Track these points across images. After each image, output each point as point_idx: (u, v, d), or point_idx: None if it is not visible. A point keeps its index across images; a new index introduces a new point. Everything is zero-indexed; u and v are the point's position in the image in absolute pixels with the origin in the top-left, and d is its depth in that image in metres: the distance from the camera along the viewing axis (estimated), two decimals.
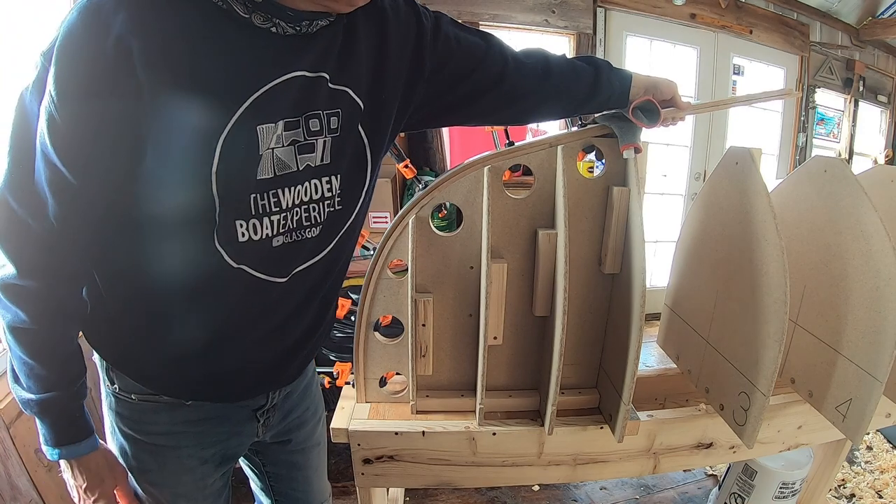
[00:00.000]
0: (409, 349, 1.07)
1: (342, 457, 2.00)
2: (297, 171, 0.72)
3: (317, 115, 0.72)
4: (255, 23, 0.63)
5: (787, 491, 1.58)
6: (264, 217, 0.71)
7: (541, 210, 1.04)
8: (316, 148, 0.73)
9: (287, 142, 0.70)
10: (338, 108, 0.74)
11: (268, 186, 0.70)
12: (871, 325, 0.94)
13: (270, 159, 0.69)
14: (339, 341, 2.33)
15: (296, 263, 0.79)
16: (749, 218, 0.98)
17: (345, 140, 0.76)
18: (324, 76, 0.71)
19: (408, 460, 1.08)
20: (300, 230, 0.76)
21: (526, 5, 2.85)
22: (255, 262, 0.73)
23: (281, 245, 0.74)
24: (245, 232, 0.70)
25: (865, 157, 3.99)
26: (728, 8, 3.12)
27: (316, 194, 0.76)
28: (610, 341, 1.10)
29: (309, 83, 0.69)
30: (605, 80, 0.97)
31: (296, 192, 0.73)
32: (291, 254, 0.77)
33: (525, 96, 0.95)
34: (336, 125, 0.74)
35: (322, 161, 0.75)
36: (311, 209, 0.76)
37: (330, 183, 0.77)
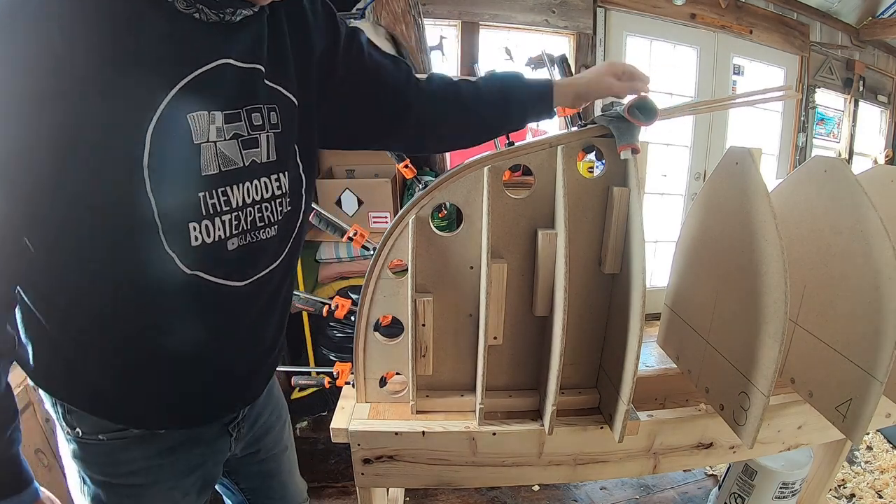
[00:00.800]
0: (409, 349, 1.07)
1: (342, 457, 2.00)
2: (244, 167, 0.70)
3: (258, 108, 0.70)
4: (178, 7, 0.60)
5: (787, 491, 1.58)
6: (216, 217, 0.67)
7: (541, 210, 1.04)
8: (260, 143, 0.71)
9: (229, 135, 0.67)
10: (275, 103, 0.73)
11: (215, 183, 0.66)
12: (871, 325, 0.94)
13: (213, 153, 0.66)
14: (339, 341, 2.33)
15: (255, 268, 0.75)
16: (749, 218, 0.98)
17: (287, 136, 0.75)
18: (259, 69, 0.70)
19: (408, 460, 1.08)
20: (255, 231, 0.73)
21: (526, 5, 2.85)
22: (210, 267, 0.69)
23: (237, 248, 0.71)
24: (198, 235, 0.65)
25: (865, 157, 3.99)
26: (728, 8, 3.12)
27: (267, 192, 0.73)
28: (610, 341, 1.10)
29: (244, 75, 0.68)
30: (515, 97, 0.97)
31: (245, 189, 0.70)
32: (250, 257, 0.74)
33: (433, 122, 0.96)
34: (276, 120, 0.73)
35: (269, 157, 0.73)
36: (263, 208, 0.73)
37: (279, 181, 0.75)
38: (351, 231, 1.13)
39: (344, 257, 2.34)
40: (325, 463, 2.05)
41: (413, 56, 2.25)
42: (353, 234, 1.12)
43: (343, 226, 1.15)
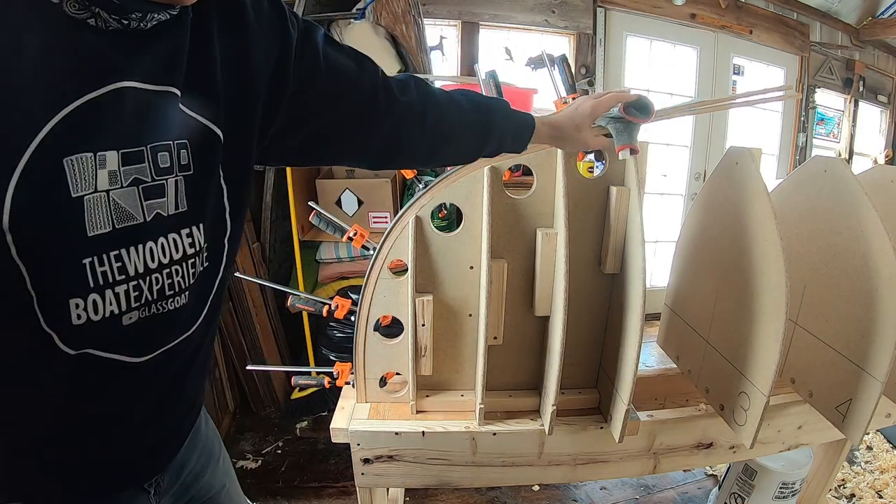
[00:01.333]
0: (409, 349, 1.07)
1: (342, 457, 2.00)
2: (145, 223, 0.55)
3: (166, 146, 0.55)
4: (67, 11, 0.46)
5: (787, 491, 1.58)
6: (106, 290, 0.53)
7: (541, 210, 1.04)
8: (166, 191, 0.57)
9: (127, 181, 0.52)
10: (186, 137, 0.58)
11: (105, 246, 0.52)
12: (871, 325, 0.94)
13: (104, 207, 0.51)
14: (339, 341, 2.33)
15: (163, 341, 0.63)
16: (749, 218, 0.98)
17: (202, 179, 0.60)
18: (172, 92, 0.55)
19: (408, 460, 1.08)
20: (162, 301, 0.59)
21: (526, 5, 2.85)
22: (102, 345, 0.56)
23: (136, 321, 0.57)
24: (81, 313, 0.52)
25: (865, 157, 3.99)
26: (728, 8, 3.12)
27: (176, 253, 0.59)
28: (610, 341, 1.10)
29: (150, 100, 0.53)
30: (498, 126, 0.88)
31: (147, 251, 0.56)
32: (155, 330, 0.61)
33: (403, 138, 0.83)
34: (187, 160, 0.58)
35: (177, 208, 0.58)
36: (173, 273, 0.59)
37: (192, 236, 0.61)
38: (351, 231, 1.13)
39: (344, 257, 2.34)
40: (325, 463, 2.05)
41: (413, 56, 2.25)
42: (353, 234, 1.12)
43: (343, 226, 1.15)
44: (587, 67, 3.00)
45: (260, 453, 2.11)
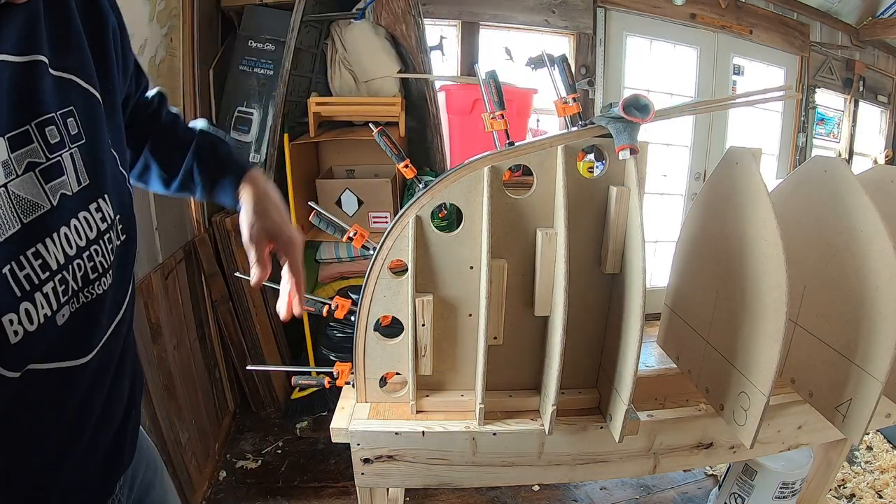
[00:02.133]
0: (408, 349, 1.07)
1: (342, 457, 2.00)
2: (52, 209, 0.51)
3: (51, 118, 0.51)
4: None
5: (787, 491, 1.58)
6: (35, 293, 0.48)
7: (541, 210, 1.04)
8: (65, 167, 0.52)
9: (21, 168, 0.48)
10: (70, 104, 0.54)
11: (21, 247, 0.47)
12: (871, 325, 0.94)
13: (6, 203, 0.46)
14: (338, 341, 2.33)
15: (97, 332, 0.58)
16: (749, 218, 0.98)
17: (94, 145, 0.57)
18: (41, 60, 0.50)
19: (408, 460, 1.08)
20: (88, 288, 0.55)
21: (526, 5, 2.85)
22: (43, 355, 0.51)
23: (68, 318, 0.53)
24: (18, 328, 0.46)
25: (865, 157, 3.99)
26: (728, 8, 3.12)
27: (91, 231, 0.55)
28: (610, 341, 1.10)
29: (22, 73, 0.49)
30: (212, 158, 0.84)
31: (62, 238, 0.51)
32: (88, 321, 0.56)
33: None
34: (77, 129, 0.54)
35: (80, 183, 0.54)
36: (93, 254, 0.55)
37: (101, 210, 0.57)
38: (351, 231, 1.13)
39: (344, 257, 2.34)
40: (325, 463, 2.05)
41: (413, 56, 2.25)
42: (353, 234, 1.12)
43: (343, 226, 1.15)
44: (587, 67, 3.00)
45: (260, 453, 2.11)
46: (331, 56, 2.33)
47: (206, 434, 1.98)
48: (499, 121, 1.07)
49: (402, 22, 2.21)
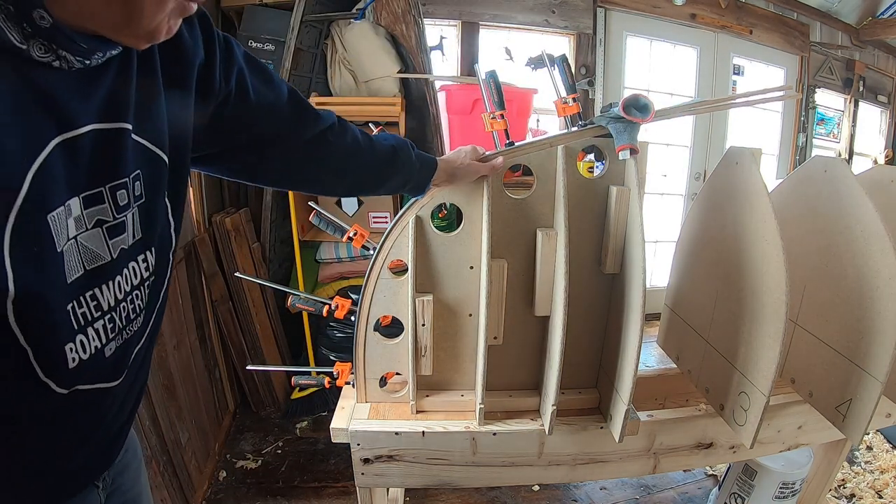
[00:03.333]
0: (409, 349, 1.07)
1: (342, 457, 2.00)
2: (112, 261, 0.57)
3: (123, 183, 0.56)
4: (33, 55, 0.45)
5: (787, 491, 1.58)
6: (88, 328, 0.55)
7: (541, 210, 1.04)
8: (127, 226, 0.58)
9: (91, 223, 0.53)
10: (139, 167, 0.58)
11: (82, 288, 0.54)
12: (871, 325, 0.94)
13: (75, 251, 0.52)
14: (338, 341, 2.33)
15: (128, 361, 0.66)
16: (749, 218, 0.98)
17: (152, 204, 0.62)
18: (125, 127, 0.55)
19: (408, 460, 1.08)
20: (128, 326, 0.63)
21: (526, 5, 2.85)
22: (89, 378, 0.59)
23: (114, 351, 0.61)
24: (76, 356, 0.54)
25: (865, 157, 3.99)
26: (728, 8, 3.12)
27: (135, 279, 0.62)
28: (610, 341, 1.10)
29: (106, 139, 0.53)
30: (404, 160, 0.93)
31: (115, 286, 0.58)
32: (123, 352, 0.64)
33: (303, 163, 0.86)
34: (140, 190, 0.59)
35: (134, 238, 0.60)
36: (134, 298, 0.62)
37: (146, 260, 0.63)
38: (351, 231, 1.13)
39: (344, 257, 2.34)
40: (325, 463, 2.05)
41: (413, 56, 2.25)
42: (353, 234, 1.12)
43: (343, 226, 1.15)
44: (587, 67, 3.00)
45: (260, 453, 2.11)
46: (331, 56, 2.33)
47: (206, 434, 1.98)
48: (499, 121, 1.07)
49: (402, 22, 2.21)
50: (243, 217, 2.28)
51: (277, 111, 0.80)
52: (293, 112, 0.82)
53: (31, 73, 0.45)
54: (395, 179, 0.95)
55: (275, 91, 0.79)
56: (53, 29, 0.44)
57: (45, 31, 0.44)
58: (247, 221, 2.31)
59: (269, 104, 0.78)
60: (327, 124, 0.87)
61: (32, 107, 0.46)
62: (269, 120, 0.79)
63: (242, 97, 0.74)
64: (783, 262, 0.88)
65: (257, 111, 0.76)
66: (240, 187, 2.49)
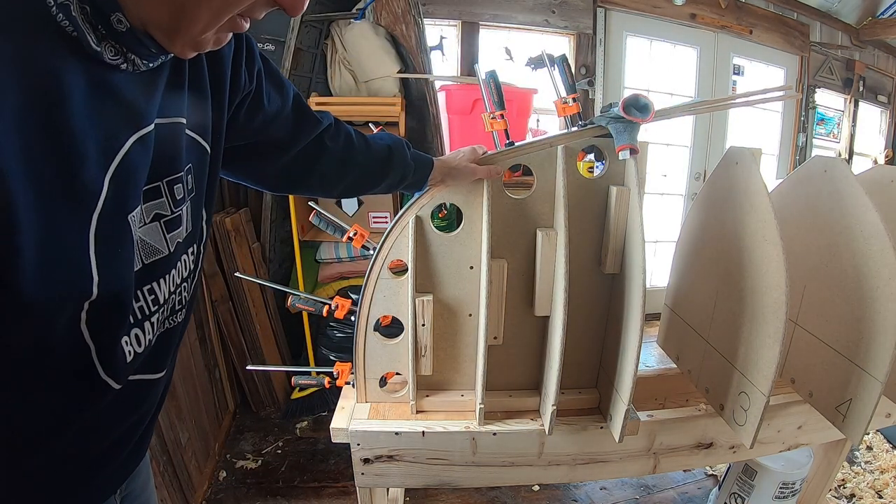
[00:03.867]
0: (409, 349, 1.07)
1: (342, 457, 2.00)
2: (170, 254, 0.57)
3: (179, 177, 0.57)
4: (105, 58, 0.45)
5: (787, 491, 1.58)
6: (145, 322, 0.56)
7: (541, 210, 1.04)
8: (182, 220, 0.59)
9: (150, 217, 0.54)
10: (190, 161, 0.59)
11: (140, 282, 0.54)
12: (871, 325, 0.94)
13: (137, 246, 0.53)
14: (339, 341, 2.33)
15: (171, 353, 0.67)
16: (749, 218, 0.98)
17: (199, 197, 0.63)
18: (180, 122, 0.57)
19: (408, 460, 1.08)
20: (173, 317, 0.63)
21: (526, 5, 2.85)
22: (139, 370, 0.60)
23: (156, 340, 0.61)
24: (131, 349, 0.55)
25: (865, 157, 3.99)
26: (728, 8, 3.12)
27: (186, 272, 0.62)
28: (610, 341, 1.10)
29: (168, 134, 0.55)
30: (399, 159, 0.94)
31: (170, 279, 0.59)
32: (166, 344, 0.64)
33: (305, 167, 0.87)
34: (192, 184, 0.60)
35: (187, 231, 0.61)
36: (182, 290, 0.63)
37: (194, 252, 0.64)
38: (351, 231, 1.13)
39: (344, 257, 2.34)
40: (325, 463, 2.05)
41: (413, 56, 2.25)
42: (353, 234, 1.12)
43: (343, 226, 1.15)
44: (587, 67, 3.00)
45: (260, 453, 2.11)
46: (331, 56, 2.33)
47: (206, 434, 1.98)
48: (499, 121, 1.07)
49: (402, 22, 2.21)
50: (243, 217, 2.28)
51: (283, 118, 0.80)
52: (296, 118, 0.82)
53: (102, 75, 0.46)
54: (391, 179, 0.96)
55: (283, 96, 0.80)
56: (129, 33, 0.46)
57: (119, 35, 0.45)
58: (247, 221, 2.31)
59: (277, 109, 0.79)
60: (323, 127, 0.87)
61: (108, 109, 0.47)
62: (277, 125, 0.80)
63: (258, 100, 0.74)
64: (783, 262, 0.88)
65: (267, 116, 0.77)
66: (239, 187, 2.49)
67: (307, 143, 0.85)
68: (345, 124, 0.93)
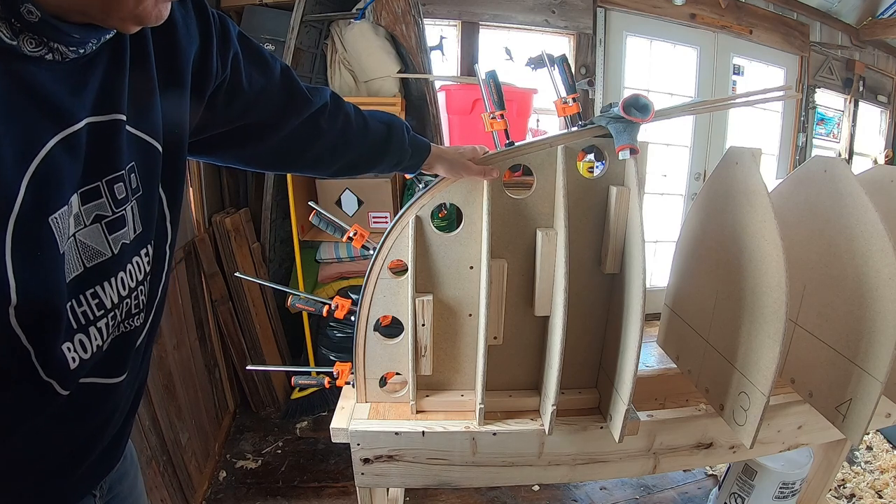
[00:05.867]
0: (409, 349, 1.07)
1: (342, 457, 2.00)
2: (114, 256, 0.55)
3: (120, 175, 0.54)
4: (24, 51, 0.43)
5: (787, 491, 1.58)
6: (90, 327, 0.54)
7: (541, 210, 1.04)
8: (126, 220, 0.56)
9: (89, 219, 0.52)
10: (133, 159, 0.56)
11: (81, 287, 0.52)
12: (870, 324, 0.94)
13: (74, 249, 0.51)
14: (338, 341, 2.33)
15: (130, 356, 0.64)
16: (749, 218, 0.98)
17: (149, 196, 0.60)
18: (119, 119, 0.53)
19: (408, 460, 1.08)
20: (128, 321, 0.61)
21: (526, 5, 2.85)
22: (90, 374, 0.58)
23: (110, 344, 0.59)
24: (75, 356, 0.53)
25: (865, 157, 3.99)
26: (728, 8, 3.12)
27: (140, 274, 0.60)
28: (610, 341, 1.10)
29: (101, 132, 0.51)
30: (397, 143, 0.94)
31: (118, 282, 0.56)
32: (124, 348, 0.62)
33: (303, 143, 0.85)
34: (137, 182, 0.57)
35: (135, 232, 0.58)
36: (138, 293, 0.61)
37: (148, 254, 0.62)
38: (351, 231, 1.13)
39: (344, 257, 2.34)
40: (325, 463, 2.05)
41: (413, 56, 2.25)
42: (353, 234, 1.12)
43: (343, 226, 1.15)
44: (587, 67, 3.00)
45: (260, 453, 2.11)
46: (331, 56, 2.33)
47: (206, 434, 1.98)
48: (499, 121, 1.07)
49: (401, 22, 2.21)
50: (243, 217, 2.28)
51: (269, 98, 0.78)
52: (285, 97, 0.81)
53: (23, 71, 0.44)
54: (387, 161, 0.96)
55: (267, 75, 0.78)
56: (42, 22, 0.43)
57: (34, 26, 0.43)
58: (247, 221, 2.31)
59: (260, 91, 0.77)
60: (318, 106, 0.85)
61: (26, 108, 0.44)
62: (260, 107, 0.78)
63: (236, 85, 0.72)
64: (783, 262, 0.88)
65: (249, 99, 0.75)
66: (239, 187, 2.49)
67: (300, 122, 0.84)
68: (346, 102, 0.91)
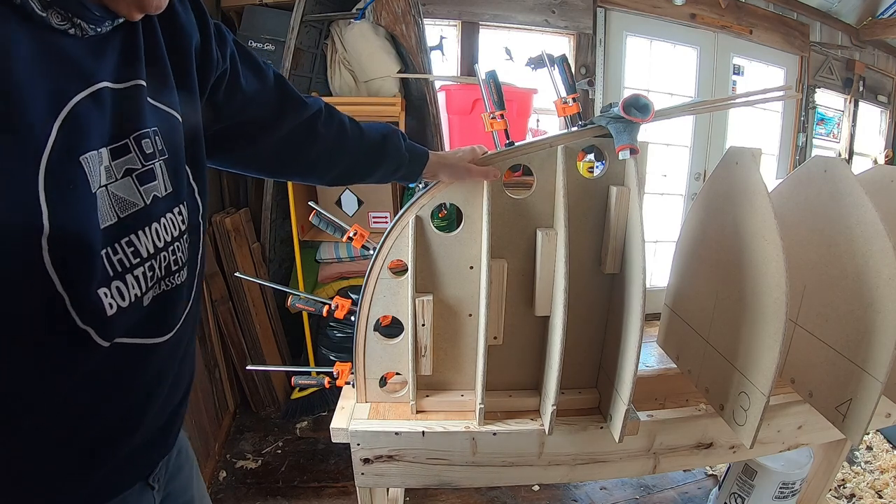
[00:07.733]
0: (409, 349, 1.07)
1: (342, 457, 2.00)
2: (147, 207, 0.60)
3: (146, 134, 0.60)
4: (51, 23, 0.49)
5: (787, 491, 1.58)
6: (126, 275, 0.57)
7: (541, 210, 1.04)
8: (156, 174, 0.61)
9: (120, 173, 0.57)
10: (157, 125, 0.62)
11: (116, 235, 0.56)
12: (870, 324, 0.94)
13: (107, 199, 0.55)
14: (338, 341, 2.33)
15: (175, 317, 0.67)
16: (749, 218, 0.98)
17: (176, 163, 0.65)
18: (140, 84, 0.60)
19: (408, 460, 1.08)
20: (169, 277, 0.64)
21: (526, 5, 2.85)
22: (131, 331, 0.60)
23: (151, 301, 0.62)
24: (112, 302, 0.55)
25: (865, 157, 3.99)
26: (728, 8, 3.12)
27: (175, 230, 0.64)
28: (610, 341, 1.10)
29: (123, 96, 0.58)
30: (394, 149, 0.95)
31: (153, 232, 0.61)
32: (167, 307, 0.65)
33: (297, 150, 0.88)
34: (161, 145, 0.63)
35: (167, 189, 0.63)
36: (176, 249, 0.65)
37: (181, 213, 0.66)
38: (351, 231, 1.13)
39: (344, 257, 2.34)
40: (325, 463, 2.05)
41: (413, 56, 2.25)
42: (353, 234, 1.12)
43: (343, 226, 1.15)
44: (587, 67, 3.00)
45: (260, 453, 2.11)
46: (331, 56, 2.33)
47: (206, 434, 1.98)
48: (499, 121, 1.07)
49: (402, 22, 2.21)
50: (243, 217, 2.28)
51: (264, 99, 0.82)
52: (279, 100, 0.84)
53: (50, 38, 0.50)
54: (384, 168, 0.96)
55: (262, 79, 0.82)
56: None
57: (63, 1, 0.49)
58: (247, 221, 2.31)
59: (256, 91, 0.80)
60: (314, 110, 0.88)
61: (55, 67, 0.50)
62: (256, 108, 0.81)
63: (234, 81, 0.76)
64: (783, 262, 0.88)
65: (246, 97, 0.79)
66: (239, 187, 2.49)
67: (295, 125, 0.86)
68: (339, 112, 0.93)
